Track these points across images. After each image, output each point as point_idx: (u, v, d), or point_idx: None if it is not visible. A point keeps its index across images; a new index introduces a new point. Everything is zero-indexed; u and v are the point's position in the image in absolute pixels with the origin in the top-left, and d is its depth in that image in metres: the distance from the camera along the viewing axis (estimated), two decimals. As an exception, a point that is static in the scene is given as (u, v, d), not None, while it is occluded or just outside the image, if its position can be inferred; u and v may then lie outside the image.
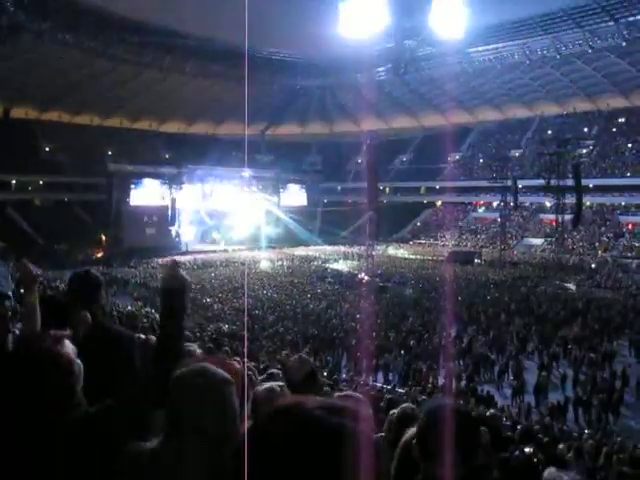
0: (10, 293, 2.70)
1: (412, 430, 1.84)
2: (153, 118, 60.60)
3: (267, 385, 2.52)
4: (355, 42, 22.02)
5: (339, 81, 58.59)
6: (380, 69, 30.37)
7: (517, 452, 5.97)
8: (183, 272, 2.23)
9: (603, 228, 45.24)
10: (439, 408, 1.49)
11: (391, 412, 3.62)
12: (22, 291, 2.48)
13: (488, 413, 7.91)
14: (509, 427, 8.82)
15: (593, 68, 48.14)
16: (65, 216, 44.49)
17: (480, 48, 48.84)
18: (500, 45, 49.16)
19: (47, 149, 50.44)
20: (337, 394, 3.10)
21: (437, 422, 1.41)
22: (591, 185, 45.02)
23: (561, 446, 8.01)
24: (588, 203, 46.47)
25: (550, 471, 2.00)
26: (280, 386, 2.55)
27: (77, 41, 46.96)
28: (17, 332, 2.76)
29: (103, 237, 43.59)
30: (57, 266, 28.97)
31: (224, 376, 1.44)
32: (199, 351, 3.55)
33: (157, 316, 18.71)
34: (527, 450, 6.23)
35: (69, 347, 1.64)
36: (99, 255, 41.72)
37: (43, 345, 1.61)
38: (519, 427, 8.75)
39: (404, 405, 3.34)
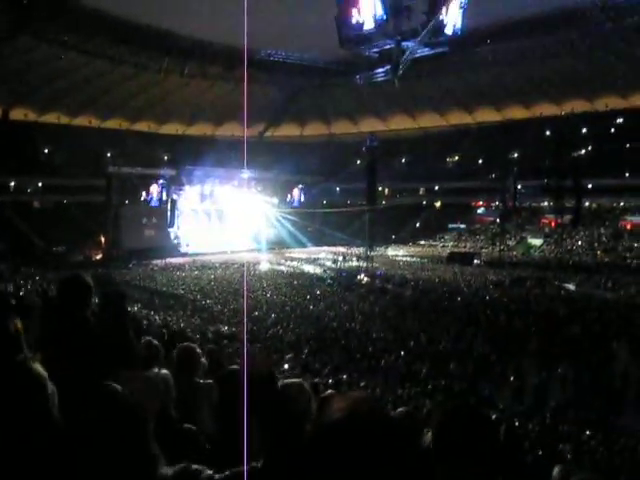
0: None
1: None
2: (152, 120, 60.56)
3: (295, 381, 2.46)
4: (354, 43, 22.00)
5: (338, 82, 58.59)
6: (379, 70, 30.31)
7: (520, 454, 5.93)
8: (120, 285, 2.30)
9: (602, 229, 45.23)
10: (456, 410, 1.45)
11: (393, 413, 3.59)
12: None
13: (493, 416, 7.87)
14: (510, 429, 8.77)
15: (592, 68, 48.11)
16: (64, 218, 44.42)
17: (480, 48, 48.85)
18: (500, 45, 49.19)
19: (46, 151, 50.37)
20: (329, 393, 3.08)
21: (455, 424, 1.37)
22: (590, 186, 45.04)
23: (562, 447, 7.99)
24: (587, 204, 46.50)
25: (559, 469, 1.97)
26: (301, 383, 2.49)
27: (76, 42, 46.96)
28: None
29: (102, 239, 43.54)
30: (56, 268, 28.97)
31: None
32: None
33: (152, 317, 18.72)
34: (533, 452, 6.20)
35: (40, 369, 1.56)
36: (98, 257, 41.70)
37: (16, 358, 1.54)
38: (518, 428, 8.72)
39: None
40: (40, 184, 48.66)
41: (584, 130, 50.60)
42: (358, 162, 57.00)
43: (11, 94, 48.48)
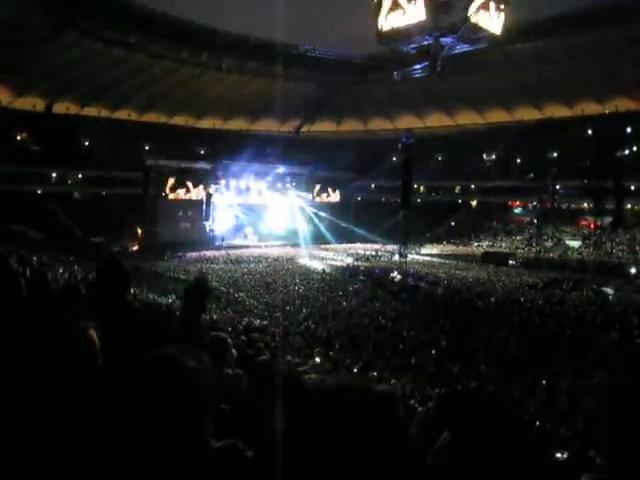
0: None
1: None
2: (189, 114, 61.28)
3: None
4: (391, 39, 21.86)
5: (375, 78, 58.27)
6: (417, 66, 30.05)
7: (549, 457, 5.85)
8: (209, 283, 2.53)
9: (644, 232, 44.02)
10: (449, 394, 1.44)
11: (419, 409, 3.57)
12: None
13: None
14: (542, 432, 8.66)
15: (635, 65, 46.72)
16: (103, 209, 45.42)
17: (519, 45, 47.93)
18: (540, 42, 48.17)
19: (86, 143, 51.49)
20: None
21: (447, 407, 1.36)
22: (632, 187, 43.85)
23: (593, 453, 7.81)
24: (629, 206, 45.27)
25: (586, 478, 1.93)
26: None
27: (117, 38, 47.81)
28: None
29: (139, 231, 44.37)
30: (94, 258, 29.63)
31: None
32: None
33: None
34: (558, 455, 6.10)
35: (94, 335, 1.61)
36: (135, 248, 42.54)
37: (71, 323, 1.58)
38: (549, 432, 8.57)
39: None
40: (80, 176, 49.85)
41: (628, 130, 49.19)
42: (394, 159, 56.67)
43: (54, 89, 49.74)
